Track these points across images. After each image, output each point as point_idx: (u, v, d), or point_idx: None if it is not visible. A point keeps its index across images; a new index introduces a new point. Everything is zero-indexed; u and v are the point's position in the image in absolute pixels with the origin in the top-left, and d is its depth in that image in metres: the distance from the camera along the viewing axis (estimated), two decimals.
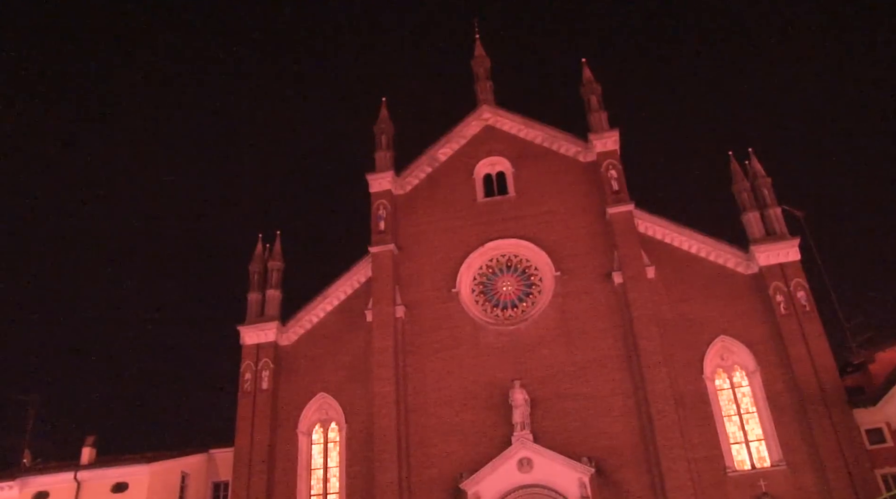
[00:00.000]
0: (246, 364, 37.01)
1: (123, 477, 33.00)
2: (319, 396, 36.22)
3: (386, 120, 42.20)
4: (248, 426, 35.40)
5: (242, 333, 37.77)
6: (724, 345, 33.21)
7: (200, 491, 35.90)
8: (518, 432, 32.04)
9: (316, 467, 35.32)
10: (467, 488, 31.16)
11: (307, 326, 38.00)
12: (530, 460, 31.28)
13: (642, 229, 35.94)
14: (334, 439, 35.66)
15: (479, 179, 39.62)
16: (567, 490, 30.43)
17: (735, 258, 34.60)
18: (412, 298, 37.06)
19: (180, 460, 35.18)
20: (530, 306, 36.10)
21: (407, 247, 38.45)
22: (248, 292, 39.01)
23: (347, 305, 38.00)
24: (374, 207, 39.29)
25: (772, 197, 35.26)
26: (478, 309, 36.54)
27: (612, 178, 36.89)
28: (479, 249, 37.66)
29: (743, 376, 32.92)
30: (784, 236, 34.09)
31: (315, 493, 34.69)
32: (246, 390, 36.40)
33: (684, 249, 35.43)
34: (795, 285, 32.83)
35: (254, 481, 34.10)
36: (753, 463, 31.23)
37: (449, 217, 38.79)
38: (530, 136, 39.92)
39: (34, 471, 34.81)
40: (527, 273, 37.10)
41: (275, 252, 40.10)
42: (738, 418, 32.29)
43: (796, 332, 31.97)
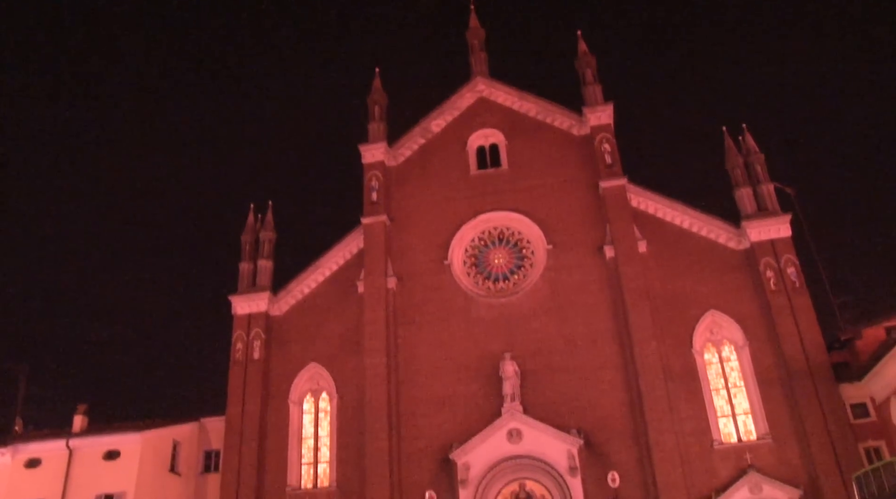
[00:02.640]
0: (237, 334, 37.05)
1: (115, 445, 33.12)
2: (311, 366, 36.35)
3: (379, 91, 41.91)
4: (240, 396, 35.53)
5: (234, 304, 37.76)
6: (714, 320, 33.43)
7: (192, 459, 36.06)
8: (508, 403, 32.31)
9: (307, 436, 35.53)
10: (457, 459, 31.47)
11: (299, 297, 38.01)
12: (520, 432, 31.58)
13: (635, 204, 35.98)
14: (325, 408, 35.84)
15: (472, 152, 39.48)
16: (556, 461, 30.82)
17: (726, 234, 34.73)
18: (404, 270, 37.08)
19: (172, 428, 35.28)
20: (522, 279, 36.19)
21: (399, 218, 38.39)
22: (240, 263, 38.93)
23: (339, 276, 38.01)
24: (367, 178, 39.15)
25: (764, 173, 35.32)
26: (469, 281, 36.60)
27: (606, 152, 36.83)
28: (472, 221, 37.66)
29: (732, 350, 33.20)
30: (776, 213, 34.22)
31: (306, 462, 34.94)
32: (237, 360, 36.48)
33: (676, 223, 35.52)
34: (786, 262, 33.01)
35: (245, 449, 34.30)
36: (740, 436, 31.63)
37: (441, 189, 38.71)
38: (524, 108, 39.75)
39: (26, 438, 34.88)
40: (519, 246, 37.14)
41: (267, 222, 39.99)
42: (726, 392, 32.63)
43: (785, 307, 32.21)
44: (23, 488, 32.36)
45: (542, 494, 31.02)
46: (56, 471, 32.46)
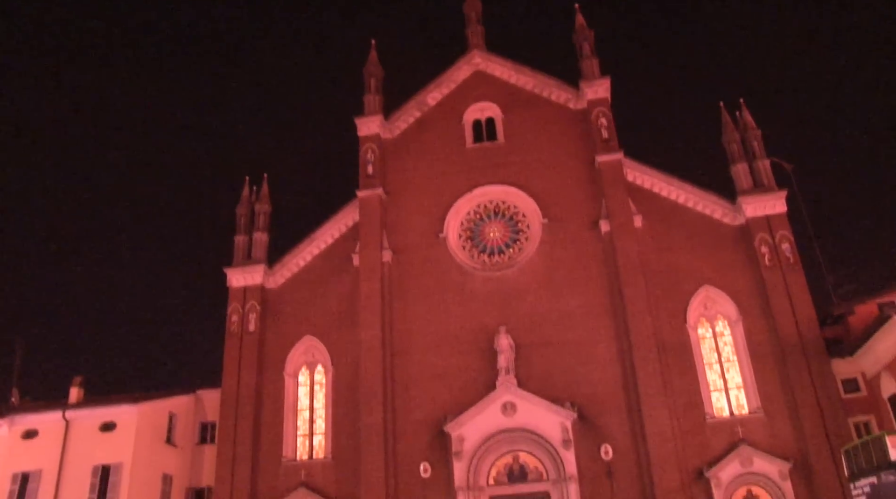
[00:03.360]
0: (233, 307, 37.11)
1: (112, 417, 33.26)
2: (306, 338, 36.46)
3: (375, 63, 41.56)
4: (235, 368, 35.66)
5: (229, 276, 37.77)
6: (708, 294, 33.56)
7: (188, 431, 36.32)
8: (503, 376, 32.50)
9: (302, 408, 35.75)
10: (451, 431, 31.71)
11: (294, 270, 38.02)
12: (514, 405, 31.81)
13: (631, 178, 35.94)
14: (320, 381, 36.01)
15: (468, 125, 39.29)
16: (549, 434, 31.10)
17: (722, 209, 34.75)
18: (399, 243, 37.07)
19: (168, 400, 35.48)
20: (517, 253, 36.22)
21: (395, 191, 38.30)
22: (235, 235, 38.87)
23: (334, 249, 37.98)
24: (363, 150, 38.97)
25: (761, 149, 35.25)
26: (465, 255, 36.62)
27: (603, 126, 36.69)
28: (467, 194, 37.58)
29: (725, 325, 33.38)
30: (772, 189, 34.22)
31: (301, 433, 35.18)
32: (233, 332, 36.57)
33: (672, 198, 35.52)
34: (781, 237, 33.08)
35: (241, 421, 34.52)
36: (732, 410, 31.92)
37: (437, 162, 38.57)
38: (521, 82, 39.51)
39: (23, 410, 35.02)
40: (514, 220, 37.13)
41: (262, 195, 39.87)
42: (719, 367, 32.87)
43: (779, 283, 32.35)
44: (20, 459, 32.57)
45: (536, 466, 31.35)
46: (53, 442, 32.63)
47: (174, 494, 34.51)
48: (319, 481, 33.31)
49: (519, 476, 31.39)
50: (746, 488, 29.95)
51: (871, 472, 19.76)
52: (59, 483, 31.90)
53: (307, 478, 33.35)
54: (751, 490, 29.94)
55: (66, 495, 31.72)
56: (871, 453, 20.11)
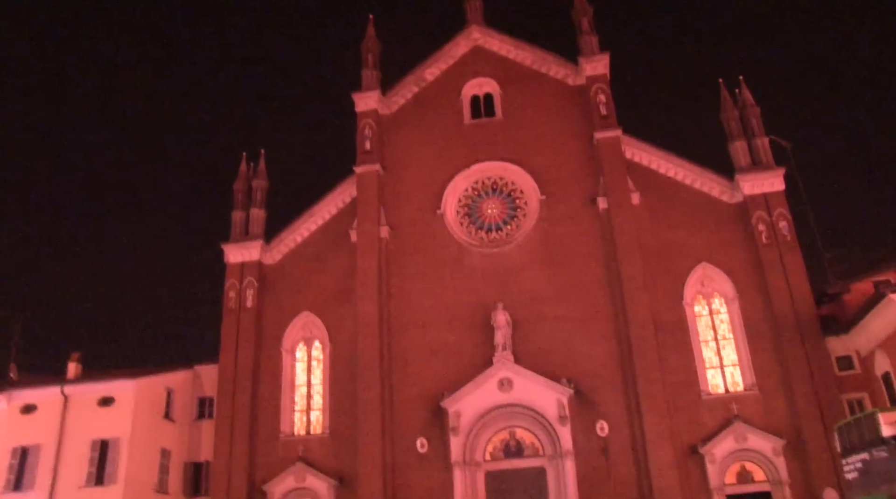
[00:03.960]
0: (230, 283, 37.11)
1: (110, 392, 33.33)
2: (303, 314, 36.49)
3: (373, 38, 41.21)
4: (233, 344, 35.74)
5: (226, 252, 37.73)
6: (705, 272, 33.61)
7: (186, 406, 36.48)
8: (499, 352, 32.61)
9: (300, 384, 35.89)
10: (448, 407, 31.90)
11: (291, 246, 37.99)
12: (510, 381, 31.96)
13: (629, 155, 35.83)
14: (318, 357, 36.13)
15: (466, 101, 39.07)
16: (545, 410, 31.28)
17: (720, 187, 34.70)
18: (397, 219, 37.02)
19: (166, 375, 35.57)
20: (515, 229, 36.20)
21: (392, 167, 38.17)
22: (233, 211, 38.76)
23: (332, 225, 37.92)
24: (360, 126, 38.76)
25: (759, 127, 35.12)
26: (462, 231, 36.59)
27: (601, 102, 36.51)
28: (465, 170, 37.47)
29: (722, 302, 33.47)
30: (770, 166, 34.15)
31: (299, 409, 35.33)
32: (230, 308, 36.60)
33: (670, 176, 35.45)
34: (778, 215, 33.06)
35: (238, 397, 34.67)
36: (727, 387, 32.11)
37: (435, 138, 38.40)
38: (519, 57, 39.23)
39: (21, 384, 35.11)
40: (512, 196, 37.06)
41: (259, 171, 39.72)
42: (715, 344, 33.00)
43: (776, 261, 32.39)
44: (19, 433, 32.71)
45: (532, 442, 31.59)
46: (51, 417, 32.74)
47: (172, 468, 34.76)
48: (317, 455, 33.53)
49: (515, 452, 31.66)
50: (740, 464, 30.26)
51: (863, 448, 19.94)
52: (58, 457, 32.06)
53: (305, 453, 33.55)
54: (744, 466, 30.26)
55: (66, 468, 31.90)
56: (864, 430, 20.26)
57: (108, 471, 31.78)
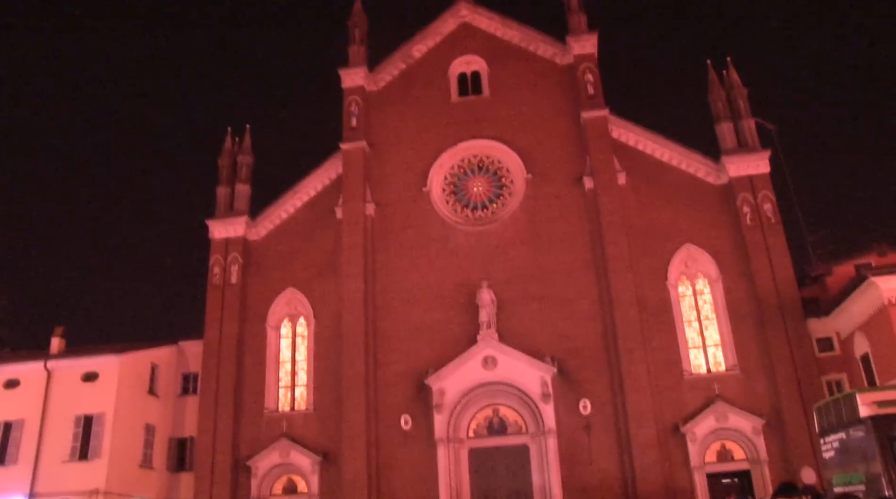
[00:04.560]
0: (215, 258, 36.94)
1: (94, 367, 33.21)
2: (288, 291, 36.42)
3: (360, 14, 40.72)
4: (217, 320, 35.66)
5: (211, 228, 37.51)
6: (690, 253, 33.78)
7: (170, 382, 36.41)
8: (484, 330, 32.72)
9: (284, 360, 35.89)
10: (432, 384, 32.06)
11: (277, 222, 37.82)
12: (495, 359, 32.12)
13: (616, 135, 35.82)
14: (302, 333, 36.13)
15: (453, 78, 38.83)
16: (529, 388, 31.51)
17: (706, 168, 34.80)
18: (382, 197, 36.91)
19: (150, 351, 35.44)
20: (500, 208, 36.19)
21: (378, 144, 37.98)
22: (217, 186, 38.49)
23: (317, 202, 37.77)
24: (347, 103, 38.48)
25: (746, 108, 35.16)
26: (448, 209, 36.55)
27: (589, 82, 36.41)
28: (452, 148, 37.33)
29: (705, 283, 33.70)
30: (755, 148, 34.25)
31: (283, 385, 35.39)
32: (215, 284, 36.48)
33: (656, 156, 35.49)
34: (763, 198, 33.24)
35: (223, 373, 34.66)
36: (709, 367, 32.44)
37: (422, 116, 38.20)
38: (507, 35, 38.98)
39: (3, 360, 34.89)
40: (498, 175, 37.00)
41: (244, 146, 39.39)
42: (698, 325, 33.27)
43: (760, 243, 32.59)
44: (2, 408, 32.57)
45: (515, 419, 31.87)
46: (35, 392, 32.61)
47: (157, 443, 34.75)
48: (301, 431, 33.66)
49: (499, 429, 31.92)
50: (721, 443, 30.71)
51: (841, 428, 20.20)
52: (42, 432, 31.99)
53: (289, 429, 33.69)
54: (725, 445, 30.71)
55: (50, 443, 31.86)
56: (842, 410, 20.51)
57: (92, 446, 31.77)
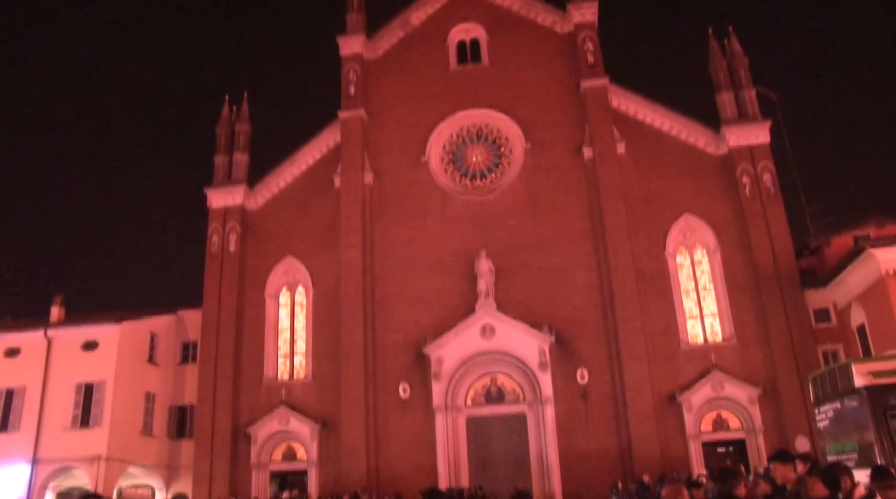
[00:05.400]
0: (213, 227, 36.88)
1: (93, 335, 33.36)
2: (287, 260, 36.42)
3: None
4: (216, 289, 35.71)
5: (209, 196, 37.41)
6: (688, 223, 33.74)
7: (170, 350, 36.60)
8: (482, 300, 32.76)
9: (283, 329, 36.02)
10: (430, 353, 32.21)
11: (275, 191, 37.71)
12: (493, 328, 32.24)
13: (615, 105, 35.59)
14: (301, 302, 36.21)
15: (452, 46, 38.45)
16: (527, 357, 31.68)
17: (706, 138, 34.63)
18: (381, 165, 36.76)
19: (149, 320, 35.58)
20: (499, 177, 36.07)
21: (377, 113, 37.72)
22: (215, 155, 38.33)
23: (316, 171, 37.59)
24: (345, 71, 38.15)
25: (747, 78, 34.90)
26: (446, 178, 36.42)
27: (589, 50, 36.10)
28: (450, 117, 37.08)
29: (703, 254, 33.71)
30: (756, 118, 34.07)
31: (282, 354, 35.56)
32: (213, 253, 36.47)
33: (656, 126, 35.30)
34: (762, 168, 33.13)
35: (222, 341, 34.78)
36: (706, 337, 32.60)
37: (420, 84, 37.87)
38: (507, 3, 38.47)
39: (4, 328, 34.99)
40: (497, 144, 36.83)
41: (242, 115, 39.11)
42: (696, 295, 33.35)
43: (759, 214, 32.57)
44: (3, 376, 32.82)
45: (513, 388, 32.07)
46: (36, 360, 32.82)
47: (157, 411, 35.05)
48: (300, 399, 33.89)
49: (496, 397, 32.14)
50: (716, 413, 30.97)
51: (836, 398, 20.37)
52: (43, 399, 32.25)
53: (288, 397, 33.91)
54: (720, 414, 30.97)
55: (51, 410, 32.13)
56: (837, 380, 20.65)
57: (93, 413, 32.03)
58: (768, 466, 9.68)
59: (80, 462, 31.51)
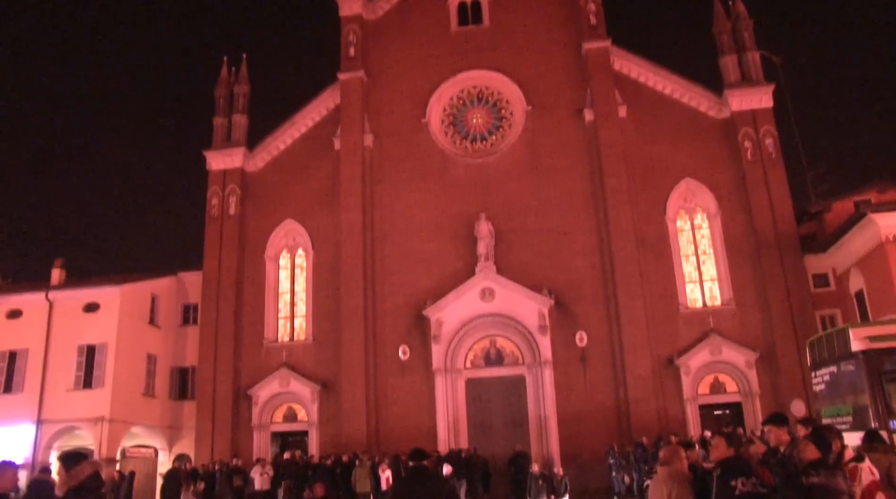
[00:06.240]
0: (213, 190, 36.80)
1: (94, 298, 33.41)
2: (287, 222, 36.40)
3: None
4: (216, 251, 35.76)
5: (209, 159, 37.26)
6: (689, 187, 33.64)
7: (171, 312, 36.71)
8: (482, 262, 32.79)
9: (283, 291, 36.13)
10: (430, 315, 32.35)
11: (274, 153, 37.54)
12: (492, 290, 32.32)
13: (617, 67, 35.25)
14: (301, 264, 36.27)
15: (453, 7, 37.86)
16: (526, 320, 31.82)
17: (708, 102, 34.36)
18: (381, 128, 36.52)
19: (150, 282, 35.64)
20: (500, 140, 35.88)
21: (377, 75, 37.39)
22: (214, 117, 38.09)
23: (315, 133, 37.37)
24: (344, 32, 37.69)
25: (751, 41, 34.49)
26: (447, 140, 36.22)
27: (591, 12, 35.63)
28: (451, 79, 36.72)
29: (704, 218, 33.67)
30: (759, 82, 33.74)
31: (283, 316, 35.72)
32: (213, 216, 36.44)
33: (658, 89, 34.99)
34: (764, 132, 32.93)
35: (222, 304, 34.93)
36: (705, 302, 32.70)
37: (421, 45, 37.46)
38: None
39: (5, 291, 35.09)
40: (498, 106, 36.58)
41: (241, 76, 38.75)
42: (695, 259, 33.37)
43: (760, 178, 32.45)
44: (6, 338, 32.93)
45: (512, 350, 32.26)
46: (37, 322, 32.89)
47: (159, 372, 35.27)
48: (301, 361, 34.11)
49: (495, 360, 32.34)
50: (714, 376, 31.20)
51: (833, 362, 20.55)
52: (46, 361, 32.43)
53: (289, 358, 34.13)
54: (717, 377, 31.20)
55: (54, 372, 32.30)
56: (835, 345, 20.80)
57: (95, 375, 32.20)
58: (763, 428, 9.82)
59: (84, 423, 31.81)
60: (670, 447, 9.04)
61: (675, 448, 8.89)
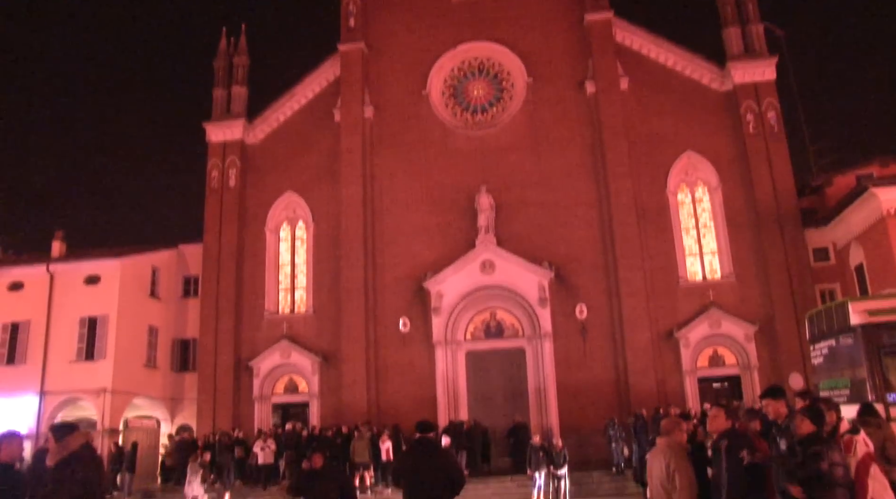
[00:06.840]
0: (212, 162, 36.67)
1: (95, 270, 33.53)
2: (287, 194, 36.31)
3: None
4: (216, 223, 35.72)
5: (208, 131, 37.09)
6: (690, 160, 33.49)
7: (171, 284, 36.82)
8: (482, 235, 32.74)
9: (284, 263, 36.14)
10: (431, 287, 32.40)
11: (274, 125, 37.34)
12: (493, 263, 32.34)
13: (619, 39, 34.96)
14: (301, 236, 36.25)
15: None
16: (526, 292, 31.86)
17: (710, 74, 34.09)
18: (381, 99, 36.29)
19: (150, 254, 35.71)
20: (500, 112, 35.69)
21: (377, 46, 37.07)
22: (214, 89, 37.85)
23: (315, 105, 37.13)
24: (344, 2, 37.23)
25: (755, 12, 34.14)
26: (447, 112, 36.02)
27: None
28: (452, 50, 36.38)
29: (705, 191, 33.58)
30: (762, 55, 33.45)
31: (283, 288, 35.79)
32: (213, 188, 36.36)
33: (660, 61, 34.70)
34: (767, 105, 32.72)
35: (223, 276, 34.98)
36: (705, 275, 32.72)
37: (421, 16, 37.06)
38: None
39: (7, 263, 35.16)
40: (499, 78, 36.32)
41: (240, 47, 38.40)
42: (696, 232, 33.34)
43: (762, 152, 32.30)
44: (8, 310, 33.13)
45: (512, 323, 32.36)
46: (39, 294, 33.07)
47: (160, 344, 35.47)
48: (301, 333, 34.21)
49: (496, 332, 32.45)
50: (713, 349, 31.30)
51: (832, 335, 20.67)
52: (48, 333, 32.62)
53: (289, 330, 34.23)
54: (717, 350, 31.31)
55: (56, 343, 32.53)
56: (834, 318, 20.90)
57: (97, 346, 32.41)
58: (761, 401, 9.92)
59: (87, 394, 32.08)
60: (671, 419, 9.17)
61: (675, 420, 9.01)
